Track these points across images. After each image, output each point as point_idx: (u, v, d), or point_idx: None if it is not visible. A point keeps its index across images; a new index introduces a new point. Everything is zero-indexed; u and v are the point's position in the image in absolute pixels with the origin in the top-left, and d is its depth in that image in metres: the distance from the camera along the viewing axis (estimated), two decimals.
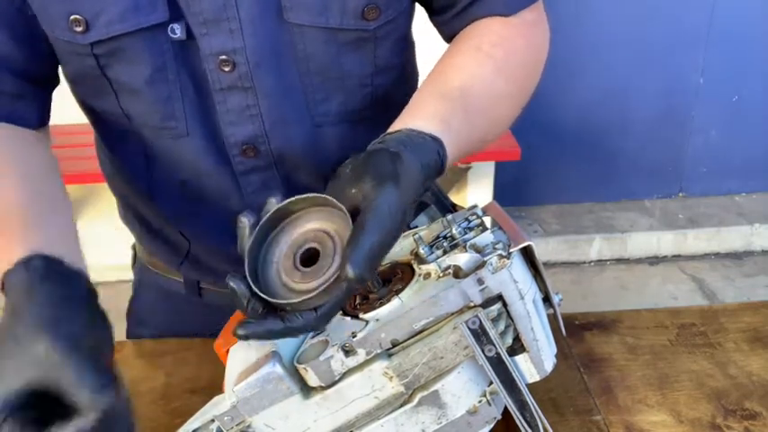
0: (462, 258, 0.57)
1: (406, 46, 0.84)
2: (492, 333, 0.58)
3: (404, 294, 0.60)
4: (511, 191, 3.06)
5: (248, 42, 0.72)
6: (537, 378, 0.63)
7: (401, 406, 0.61)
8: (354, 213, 0.54)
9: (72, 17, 0.69)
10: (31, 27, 0.72)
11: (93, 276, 0.55)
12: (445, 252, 0.61)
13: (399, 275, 0.63)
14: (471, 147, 0.71)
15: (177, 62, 0.73)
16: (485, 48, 0.74)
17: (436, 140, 0.62)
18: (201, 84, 0.75)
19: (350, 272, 0.50)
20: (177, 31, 0.70)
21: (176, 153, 0.80)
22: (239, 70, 0.73)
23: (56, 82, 0.80)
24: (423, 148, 0.60)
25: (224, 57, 0.72)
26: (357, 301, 0.63)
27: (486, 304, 0.59)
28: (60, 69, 0.79)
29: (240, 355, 0.63)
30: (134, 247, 1.03)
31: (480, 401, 0.61)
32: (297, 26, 0.72)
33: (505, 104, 0.76)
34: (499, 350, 0.59)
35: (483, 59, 0.73)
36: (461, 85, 0.70)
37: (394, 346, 0.60)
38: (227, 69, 0.73)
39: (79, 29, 0.69)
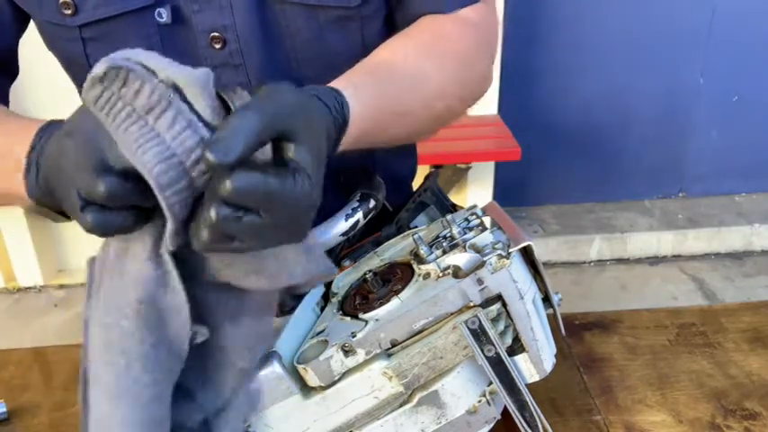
0: (462, 258, 0.57)
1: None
2: (491, 333, 0.58)
3: (403, 294, 0.60)
4: (511, 191, 3.06)
5: (238, 19, 0.73)
6: (537, 378, 0.63)
7: (401, 406, 0.61)
8: None
9: (61, 0, 0.71)
10: None
11: None
12: (445, 252, 0.61)
13: (399, 275, 0.63)
14: (386, 108, 0.67)
15: (164, 45, 0.74)
16: (410, 33, 0.74)
17: (332, 89, 0.59)
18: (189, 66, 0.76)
19: (210, 156, 0.43)
20: (163, 14, 0.72)
21: None
22: (230, 47, 0.74)
23: (13, 74, 0.81)
24: (319, 93, 0.57)
25: (215, 33, 0.73)
26: (357, 301, 0.64)
27: (486, 304, 0.59)
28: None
29: None
30: None
31: (480, 401, 0.61)
32: (279, 3, 0.73)
33: (429, 82, 0.73)
34: (499, 350, 0.59)
35: (405, 40, 0.73)
36: (373, 59, 0.69)
37: (393, 346, 0.60)
38: (218, 47, 0.74)
39: (68, 12, 0.71)
